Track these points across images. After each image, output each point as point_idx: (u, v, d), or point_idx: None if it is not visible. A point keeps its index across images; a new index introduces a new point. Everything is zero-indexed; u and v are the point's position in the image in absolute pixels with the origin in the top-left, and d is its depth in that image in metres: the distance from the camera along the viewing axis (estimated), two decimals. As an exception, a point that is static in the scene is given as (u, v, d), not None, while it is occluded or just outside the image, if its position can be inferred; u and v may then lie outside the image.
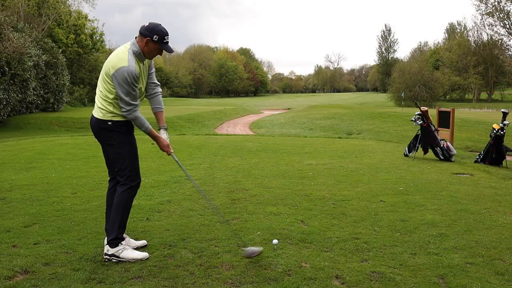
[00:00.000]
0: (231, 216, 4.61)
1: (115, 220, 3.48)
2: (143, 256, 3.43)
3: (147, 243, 3.76)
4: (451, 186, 6.24)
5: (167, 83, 78.93)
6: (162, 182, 6.31)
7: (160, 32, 3.35)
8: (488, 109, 43.31)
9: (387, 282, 3.04)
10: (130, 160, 3.50)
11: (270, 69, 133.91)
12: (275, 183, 6.28)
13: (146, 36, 3.33)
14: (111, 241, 3.43)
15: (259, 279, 3.07)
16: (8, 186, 6.04)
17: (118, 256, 3.39)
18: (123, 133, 3.47)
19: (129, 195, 3.51)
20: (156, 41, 3.34)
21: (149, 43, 3.35)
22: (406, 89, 50.13)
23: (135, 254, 3.43)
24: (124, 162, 3.48)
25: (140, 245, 3.70)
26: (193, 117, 26.74)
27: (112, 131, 3.44)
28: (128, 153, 3.49)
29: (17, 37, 22.42)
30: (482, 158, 8.90)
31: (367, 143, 12.33)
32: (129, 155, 3.50)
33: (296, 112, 35.17)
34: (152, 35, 3.33)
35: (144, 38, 3.34)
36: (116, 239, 3.44)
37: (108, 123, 3.41)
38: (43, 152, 9.69)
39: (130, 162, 3.50)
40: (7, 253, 3.52)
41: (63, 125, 22.87)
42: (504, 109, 9.27)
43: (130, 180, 3.50)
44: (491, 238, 3.96)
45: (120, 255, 3.39)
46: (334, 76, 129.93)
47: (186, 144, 11.37)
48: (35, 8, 33.78)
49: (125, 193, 3.49)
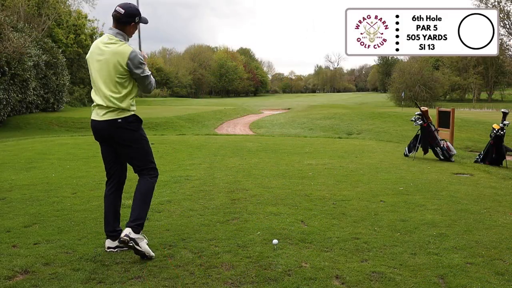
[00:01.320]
0: (231, 216, 4.61)
1: (144, 206, 3.52)
2: (152, 255, 3.42)
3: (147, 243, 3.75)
4: (451, 186, 6.24)
5: (167, 83, 78.93)
6: (162, 182, 6.30)
7: (137, 11, 3.54)
8: (488, 109, 43.29)
9: (387, 282, 3.04)
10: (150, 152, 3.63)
11: (270, 69, 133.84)
12: (275, 183, 6.28)
13: (129, 22, 3.50)
14: (137, 225, 3.40)
15: (259, 279, 3.07)
16: (8, 186, 6.04)
17: (137, 244, 3.34)
18: (135, 130, 3.53)
19: (154, 184, 3.64)
20: (138, 22, 3.56)
21: (133, 26, 3.54)
22: (406, 89, 50.10)
23: (148, 248, 3.42)
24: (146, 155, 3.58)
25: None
26: (193, 117, 26.72)
27: (124, 129, 3.48)
28: (145, 146, 3.59)
29: (17, 37, 22.41)
30: (482, 158, 8.90)
31: (367, 143, 12.33)
32: (147, 147, 3.60)
33: (296, 112, 35.17)
34: (134, 18, 3.51)
35: (129, 25, 3.50)
36: (141, 225, 3.45)
37: (118, 121, 3.45)
38: (43, 152, 9.69)
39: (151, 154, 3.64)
40: (7, 253, 3.52)
41: (63, 125, 22.87)
42: (504, 109, 9.28)
43: (155, 170, 3.66)
44: (491, 238, 3.97)
45: (140, 243, 3.36)
46: (334, 76, 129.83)
47: (186, 144, 11.37)
48: (35, 8, 33.78)
49: (152, 181, 3.60)
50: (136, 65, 3.42)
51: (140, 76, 3.46)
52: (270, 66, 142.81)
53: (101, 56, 3.45)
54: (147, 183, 3.58)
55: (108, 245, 3.62)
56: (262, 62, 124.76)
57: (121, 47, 3.43)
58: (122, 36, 3.48)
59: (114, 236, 3.61)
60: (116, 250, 3.61)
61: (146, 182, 3.57)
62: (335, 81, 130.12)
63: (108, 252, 3.58)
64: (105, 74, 3.42)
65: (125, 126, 3.46)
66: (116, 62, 3.38)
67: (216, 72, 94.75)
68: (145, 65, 3.52)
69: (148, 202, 3.57)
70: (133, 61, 3.40)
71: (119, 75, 3.41)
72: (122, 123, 3.46)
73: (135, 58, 3.40)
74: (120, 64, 3.39)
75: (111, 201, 3.68)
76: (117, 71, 3.40)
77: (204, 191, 5.75)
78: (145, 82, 3.52)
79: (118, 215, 3.73)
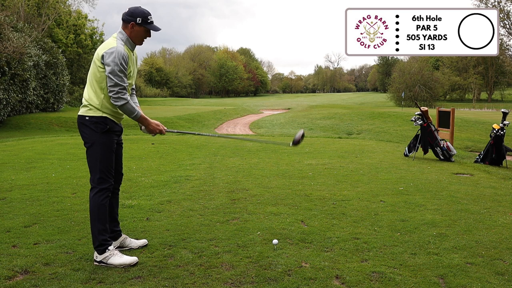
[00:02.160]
0: (231, 216, 4.61)
1: (93, 226, 3.34)
2: (132, 261, 3.29)
3: (148, 243, 3.75)
4: (451, 186, 6.24)
5: (167, 83, 78.99)
6: (162, 182, 6.31)
7: (142, 13, 3.33)
8: (488, 109, 43.31)
9: (387, 282, 3.04)
10: (101, 162, 3.34)
11: (270, 69, 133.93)
12: (275, 183, 6.28)
13: (129, 21, 3.33)
14: (97, 248, 3.31)
15: (259, 279, 3.07)
16: (8, 186, 6.04)
17: (106, 263, 3.27)
18: (98, 132, 3.32)
19: (100, 198, 3.34)
20: (140, 23, 3.33)
21: (135, 27, 3.34)
22: (406, 89, 50.14)
23: (124, 259, 3.30)
24: (96, 163, 3.34)
25: (142, 244, 3.70)
26: (193, 117, 26.73)
27: (87, 127, 3.33)
28: (100, 153, 3.33)
29: (17, 37, 22.41)
30: (482, 158, 8.90)
31: (367, 143, 12.33)
32: (101, 155, 3.34)
33: (296, 112, 35.18)
34: (135, 18, 3.32)
35: (129, 24, 3.34)
36: (101, 245, 3.31)
37: (86, 118, 3.33)
38: (43, 152, 9.69)
39: (101, 164, 3.34)
40: (7, 253, 3.52)
41: (63, 125, 22.86)
42: (504, 109, 9.27)
43: (99, 183, 3.35)
44: (491, 238, 3.96)
45: (107, 261, 3.27)
46: (334, 76, 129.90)
47: (186, 144, 11.36)
48: (35, 8, 33.79)
49: (96, 197, 3.34)
50: (107, 62, 3.18)
51: (108, 74, 3.19)
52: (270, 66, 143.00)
53: None
54: (91, 200, 3.36)
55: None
56: (262, 62, 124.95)
57: (109, 40, 3.34)
58: (122, 35, 3.36)
59: (112, 237, 3.60)
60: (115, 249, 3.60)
61: (90, 199, 3.37)
62: (335, 81, 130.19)
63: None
64: (91, 67, 3.36)
65: (89, 125, 3.31)
66: (97, 55, 3.28)
67: (216, 72, 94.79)
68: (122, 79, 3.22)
69: (98, 221, 3.32)
70: (106, 56, 3.19)
71: (99, 67, 3.26)
72: (88, 121, 3.31)
73: (109, 54, 3.18)
74: (97, 55, 3.26)
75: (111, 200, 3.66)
76: (94, 63, 3.29)
77: (204, 191, 5.75)
78: (108, 86, 3.21)
79: (113, 214, 3.66)
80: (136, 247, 3.67)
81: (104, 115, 3.33)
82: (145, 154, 9.20)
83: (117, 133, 3.49)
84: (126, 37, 3.36)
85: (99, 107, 3.32)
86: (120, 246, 3.67)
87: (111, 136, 3.40)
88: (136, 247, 3.67)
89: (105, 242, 3.33)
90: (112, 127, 3.39)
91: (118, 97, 3.23)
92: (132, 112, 3.33)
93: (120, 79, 3.23)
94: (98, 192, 3.35)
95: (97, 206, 3.34)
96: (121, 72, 3.23)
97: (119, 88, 3.22)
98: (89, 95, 3.34)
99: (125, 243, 3.69)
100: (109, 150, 3.38)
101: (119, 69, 3.21)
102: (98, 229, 3.33)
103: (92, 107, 3.32)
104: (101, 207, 3.35)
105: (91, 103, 3.32)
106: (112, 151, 3.42)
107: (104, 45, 3.32)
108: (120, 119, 3.49)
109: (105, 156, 3.36)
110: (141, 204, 5.00)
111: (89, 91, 3.35)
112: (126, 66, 3.28)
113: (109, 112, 3.35)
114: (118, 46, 3.25)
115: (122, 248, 3.65)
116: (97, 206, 3.34)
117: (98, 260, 3.30)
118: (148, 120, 3.46)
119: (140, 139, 12.56)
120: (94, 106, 3.31)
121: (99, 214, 3.34)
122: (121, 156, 3.65)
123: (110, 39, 3.35)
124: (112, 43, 3.28)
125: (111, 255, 3.30)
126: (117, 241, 3.64)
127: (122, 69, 3.24)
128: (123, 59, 3.24)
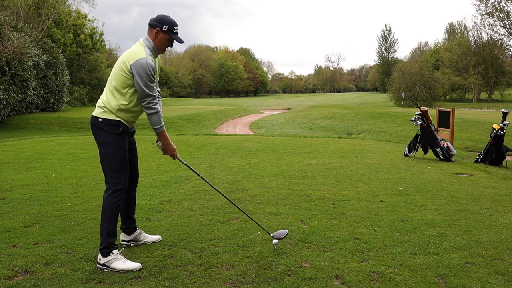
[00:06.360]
0: (231, 216, 4.61)
1: (103, 227, 3.33)
2: (135, 267, 3.24)
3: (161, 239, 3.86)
4: (451, 186, 6.24)
5: (167, 83, 78.92)
6: (162, 182, 6.31)
7: (169, 22, 3.37)
8: (488, 109, 43.30)
9: (387, 282, 3.04)
10: (115, 163, 3.36)
11: (270, 69, 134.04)
12: (275, 183, 6.28)
13: (155, 27, 3.35)
14: (102, 250, 3.29)
15: (259, 279, 3.07)
16: (8, 186, 6.04)
17: (108, 267, 3.25)
18: (111, 133, 3.35)
19: (114, 199, 3.35)
20: (166, 31, 3.36)
21: (159, 34, 3.36)
22: (406, 89, 50.12)
23: (127, 264, 3.26)
24: (109, 163, 3.36)
25: (155, 240, 3.80)
26: (193, 117, 26.72)
27: (100, 129, 3.36)
28: (113, 154, 3.36)
29: (17, 37, 22.42)
30: (482, 158, 8.90)
31: (367, 143, 12.33)
32: (114, 156, 3.36)
33: (296, 112, 35.17)
34: (162, 25, 3.35)
35: (154, 29, 3.36)
36: (107, 248, 3.29)
37: (99, 120, 3.36)
38: (43, 152, 9.69)
39: (115, 165, 3.35)
40: (7, 253, 3.52)
41: (63, 125, 22.86)
42: (504, 109, 9.27)
43: (113, 184, 3.36)
44: (491, 238, 3.97)
45: (110, 265, 3.25)
46: (334, 76, 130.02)
47: (186, 144, 11.37)
48: (34, 8, 33.78)
49: (110, 198, 3.35)
50: (138, 73, 3.24)
51: (140, 86, 3.26)
52: (270, 66, 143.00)
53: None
54: (104, 200, 3.36)
55: (123, 238, 3.76)
56: (262, 62, 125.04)
57: (136, 47, 3.35)
58: (149, 42, 3.37)
59: (127, 231, 3.73)
60: (130, 244, 3.75)
61: (104, 199, 3.37)
62: (335, 81, 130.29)
63: (122, 244, 3.73)
64: (114, 70, 3.38)
65: (102, 127, 3.35)
66: (123, 62, 3.31)
67: (216, 72, 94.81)
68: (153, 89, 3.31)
69: (108, 222, 3.32)
70: (136, 68, 3.24)
71: (126, 74, 3.29)
72: (100, 123, 3.35)
73: (139, 66, 3.23)
74: (125, 63, 3.29)
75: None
76: (120, 69, 3.32)
77: (204, 191, 5.75)
78: (140, 97, 3.31)
79: (129, 214, 3.73)
80: (150, 242, 3.75)
81: (117, 118, 3.37)
82: (145, 154, 9.20)
83: (130, 134, 3.55)
84: (152, 45, 3.39)
85: (114, 111, 3.35)
86: (134, 240, 3.75)
87: (123, 137, 3.44)
88: (150, 242, 3.75)
89: (111, 246, 3.33)
90: (124, 130, 3.43)
91: (149, 107, 3.33)
92: (157, 123, 3.40)
93: (151, 89, 3.31)
94: (112, 193, 3.36)
95: (109, 207, 3.35)
96: (151, 82, 3.31)
97: (150, 98, 3.32)
98: (107, 97, 3.38)
99: (139, 238, 3.77)
100: (122, 150, 3.42)
101: (149, 79, 3.29)
102: (107, 230, 3.33)
103: (107, 109, 3.36)
104: (113, 208, 3.36)
105: (107, 105, 3.36)
106: (125, 152, 3.45)
107: (132, 53, 3.32)
108: (133, 123, 3.53)
109: (119, 156, 3.38)
110: (141, 204, 5.00)
111: (108, 94, 3.39)
112: (154, 76, 3.35)
113: (123, 117, 3.39)
114: (147, 57, 3.29)
115: (136, 242, 3.75)
116: (109, 206, 3.35)
117: (101, 263, 3.29)
118: (168, 140, 3.53)
119: (140, 139, 12.55)
120: (109, 109, 3.35)
121: (110, 215, 3.34)
122: (135, 157, 3.70)
123: (138, 47, 3.35)
124: (140, 53, 3.30)
125: (115, 259, 3.29)
126: (132, 235, 3.74)
127: (152, 79, 3.31)
128: (152, 70, 3.30)
